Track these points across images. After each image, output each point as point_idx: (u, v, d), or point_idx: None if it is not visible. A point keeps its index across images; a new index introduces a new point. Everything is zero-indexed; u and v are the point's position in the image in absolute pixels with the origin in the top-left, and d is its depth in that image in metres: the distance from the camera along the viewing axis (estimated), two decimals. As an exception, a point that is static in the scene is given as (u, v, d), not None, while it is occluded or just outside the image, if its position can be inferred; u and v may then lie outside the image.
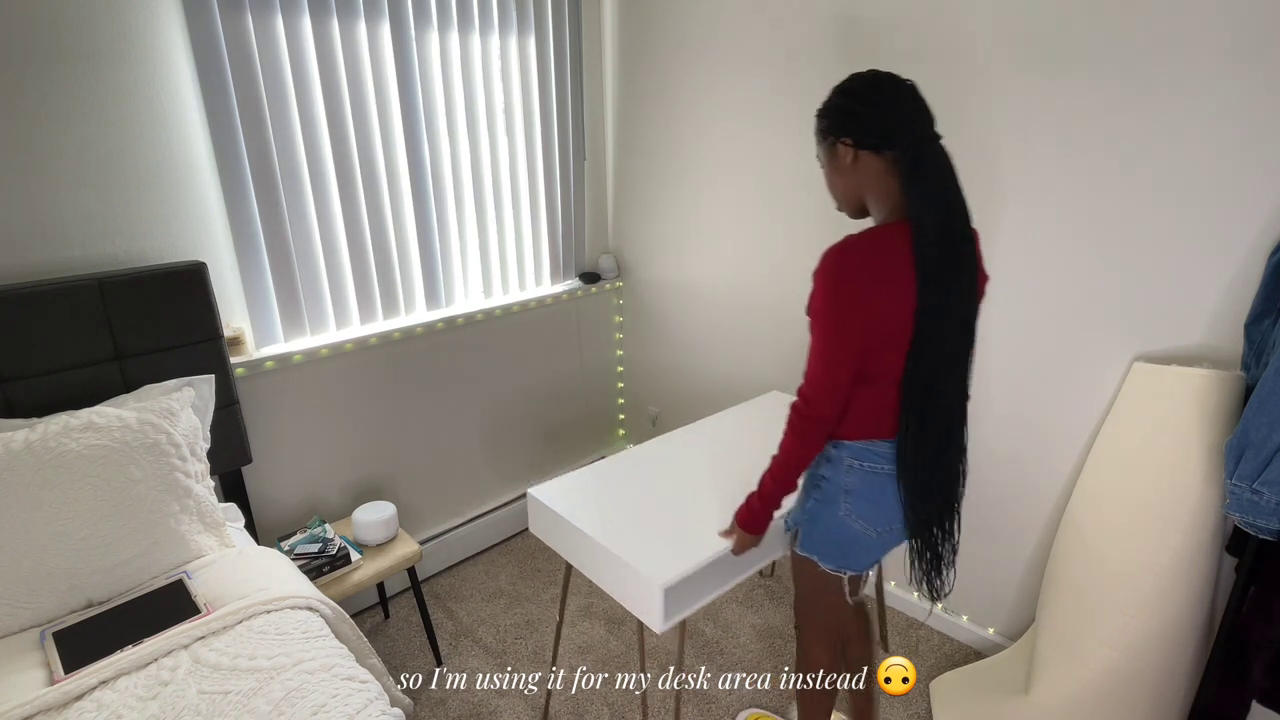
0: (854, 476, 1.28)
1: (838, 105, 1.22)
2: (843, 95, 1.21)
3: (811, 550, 1.37)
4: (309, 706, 1.16)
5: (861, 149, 1.18)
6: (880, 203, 1.21)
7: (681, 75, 2.45)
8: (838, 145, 1.21)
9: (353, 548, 1.93)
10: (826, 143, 1.24)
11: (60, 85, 1.55)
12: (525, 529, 2.81)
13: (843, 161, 1.21)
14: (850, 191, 1.25)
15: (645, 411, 3.07)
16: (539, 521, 1.68)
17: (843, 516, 1.30)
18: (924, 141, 1.14)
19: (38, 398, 1.51)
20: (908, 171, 1.14)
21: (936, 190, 1.13)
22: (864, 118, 1.17)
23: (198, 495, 1.57)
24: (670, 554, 1.41)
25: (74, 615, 1.38)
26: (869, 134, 1.17)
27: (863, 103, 1.18)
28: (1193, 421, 1.50)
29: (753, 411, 2.13)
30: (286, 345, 2.02)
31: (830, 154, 1.24)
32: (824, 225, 2.19)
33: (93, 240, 1.65)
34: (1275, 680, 1.42)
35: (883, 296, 1.14)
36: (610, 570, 1.47)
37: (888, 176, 1.17)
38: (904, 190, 1.15)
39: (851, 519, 1.30)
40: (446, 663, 2.12)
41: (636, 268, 2.89)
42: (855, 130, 1.18)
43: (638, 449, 1.89)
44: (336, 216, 2.04)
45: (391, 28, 2.04)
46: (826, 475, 1.31)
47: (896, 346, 1.17)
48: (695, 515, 1.55)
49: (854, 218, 1.29)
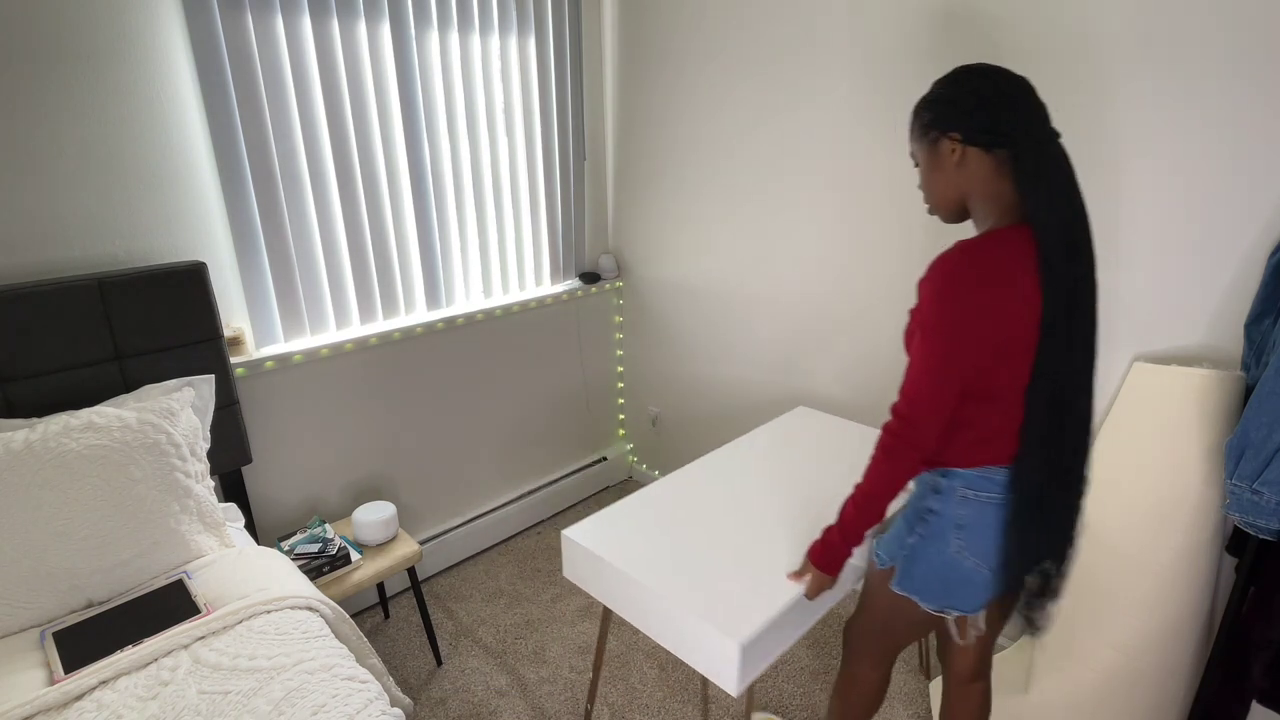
0: (968, 509, 1.16)
1: (946, 98, 1.12)
2: (953, 87, 1.12)
3: (912, 589, 1.23)
4: (309, 706, 1.16)
5: (971, 146, 1.09)
6: (987, 205, 1.11)
7: (682, 75, 2.45)
8: (942, 141, 1.12)
9: (353, 548, 1.93)
10: (928, 138, 1.14)
11: (60, 85, 1.55)
12: (525, 529, 2.82)
13: (946, 160, 1.12)
14: (951, 192, 1.15)
15: (645, 411, 3.07)
16: (576, 566, 1.51)
17: (953, 554, 1.17)
18: (1045, 140, 1.06)
19: (38, 398, 1.51)
20: (1028, 172, 1.05)
21: (1061, 193, 1.05)
22: (976, 112, 1.08)
23: (198, 495, 1.57)
24: (739, 603, 1.27)
25: (74, 615, 1.38)
26: (981, 129, 1.08)
27: (975, 96, 1.08)
28: (1193, 421, 1.50)
29: (784, 430, 2.01)
30: (286, 345, 2.02)
31: (931, 151, 1.15)
32: (825, 225, 2.19)
33: (93, 240, 1.65)
34: (1275, 680, 1.42)
35: (1004, 306, 1.05)
36: (670, 623, 1.31)
37: (997, 177, 1.09)
38: (1020, 192, 1.07)
39: (963, 556, 1.17)
40: (446, 663, 2.12)
41: (636, 268, 2.89)
42: (965, 125, 1.09)
43: (672, 478, 1.74)
44: (336, 216, 2.04)
45: (391, 28, 2.04)
46: (935, 508, 1.19)
47: (1016, 362, 1.08)
48: (755, 554, 1.41)
49: (949, 221, 1.20)
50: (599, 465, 3.10)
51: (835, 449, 1.86)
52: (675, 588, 1.31)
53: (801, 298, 2.32)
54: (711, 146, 2.43)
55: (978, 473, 1.15)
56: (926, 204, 1.21)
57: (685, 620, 1.27)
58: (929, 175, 1.18)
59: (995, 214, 1.10)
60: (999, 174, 1.09)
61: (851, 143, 2.05)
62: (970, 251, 1.06)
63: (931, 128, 1.14)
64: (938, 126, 1.12)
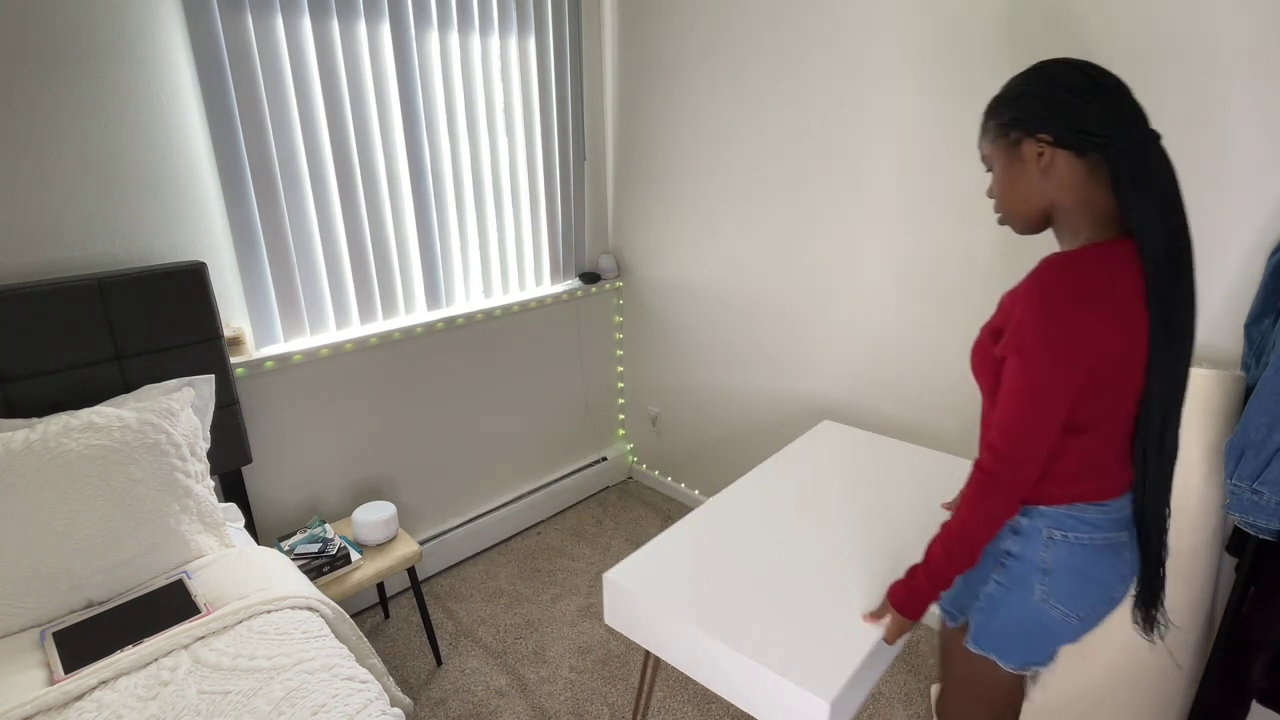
0: (1055, 551, 1.04)
1: (1032, 93, 1.00)
2: (1039, 81, 1.00)
3: (990, 647, 1.10)
4: (309, 706, 1.16)
5: (1062, 148, 0.98)
6: (1078, 216, 1.00)
7: (682, 74, 2.45)
8: (1026, 142, 1.00)
9: (353, 548, 1.93)
10: (1007, 140, 1.03)
11: (60, 85, 1.55)
12: (525, 529, 2.82)
13: (1030, 164, 1.01)
14: (1034, 201, 1.03)
15: (645, 411, 3.07)
16: (621, 611, 1.37)
17: (1037, 603, 1.05)
18: (1146, 142, 0.95)
19: (38, 398, 1.51)
20: (1130, 179, 0.95)
21: (1168, 203, 0.95)
22: (1069, 109, 0.96)
23: (198, 495, 1.57)
24: (818, 652, 1.15)
25: (74, 615, 1.38)
26: (1075, 129, 0.96)
27: (1067, 91, 0.97)
28: (1193, 421, 1.50)
29: (816, 448, 1.90)
30: (286, 345, 2.02)
31: (1010, 155, 1.03)
32: (826, 224, 2.19)
33: (93, 240, 1.65)
34: (1275, 680, 1.42)
35: (1109, 329, 0.95)
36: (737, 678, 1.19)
37: (1089, 184, 0.98)
38: (1120, 201, 0.96)
39: (1049, 605, 1.05)
40: (446, 663, 2.12)
41: (636, 268, 2.89)
42: (1056, 125, 0.97)
43: (709, 508, 1.62)
44: (336, 216, 2.04)
45: (391, 28, 2.04)
46: (1015, 551, 1.07)
47: (1120, 388, 0.99)
48: (819, 592, 1.30)
49: (1025, 233, 1.09)
50: (599, 465, 3.10)
51: (876, 469, 1.79)
52: (742, 637, 1.19)
53: (802, 298, 2.32)
54: (712, 146, 2.43)
55: (1066, 511, 1.04)
56: (999, 213, 1.10)
57: (758, 676, 1.15)
58: (1007, 182, 1.06)
59: (1089, 225, 1.00)
60: (1092, 180, 0.98)
61: (855, 141, 2.05)
62: (1072, 268, 0.96)
63: (1013, 128, 1.02)
64: (1021, 126, 1.01)
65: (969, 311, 1.90)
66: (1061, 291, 0.95)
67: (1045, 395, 0.96)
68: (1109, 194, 0.98)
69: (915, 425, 2.13)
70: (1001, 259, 1.81)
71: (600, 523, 2.88)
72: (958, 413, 2.01)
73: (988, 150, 1.08)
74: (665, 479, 3.09)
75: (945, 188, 1.89)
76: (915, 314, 2.05)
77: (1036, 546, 1.05)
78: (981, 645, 1.11)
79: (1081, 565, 1.04)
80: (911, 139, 1.92)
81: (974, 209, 1.83)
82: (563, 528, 2.84)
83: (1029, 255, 1.20)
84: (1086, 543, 1.04)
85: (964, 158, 1.81)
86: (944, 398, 2.04)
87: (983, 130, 1.08)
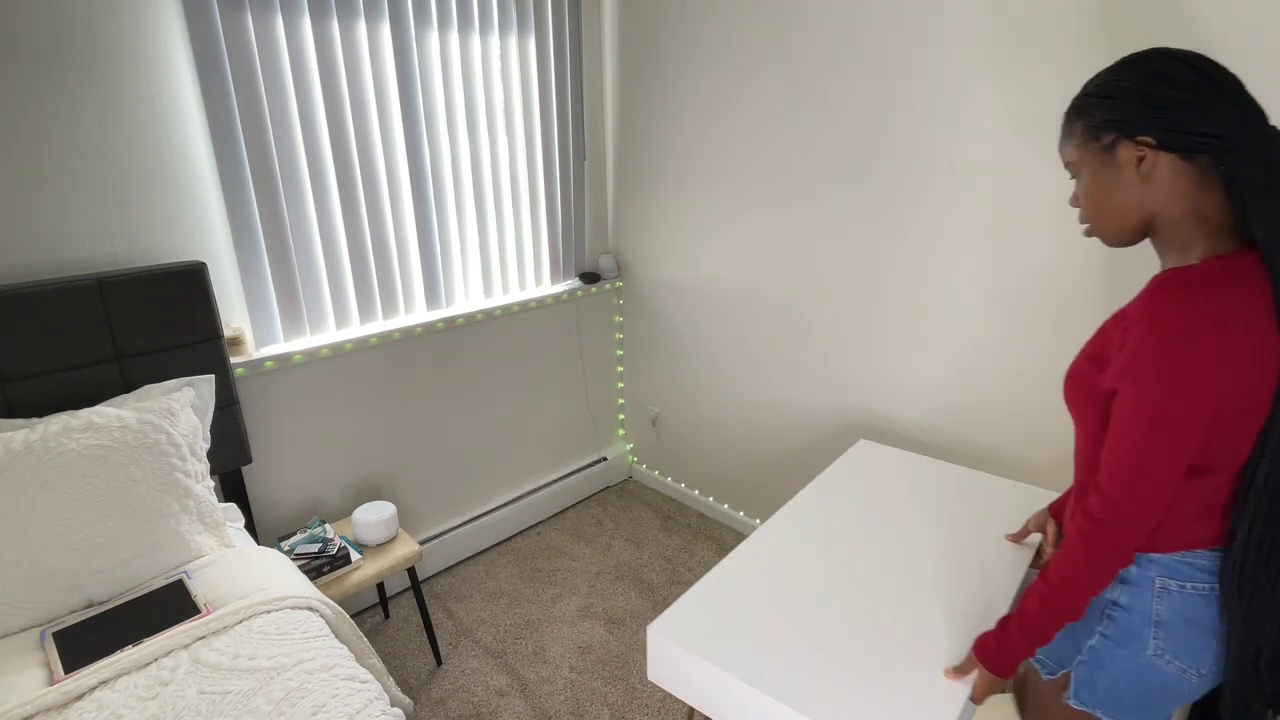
0: (1169, 602, 0.95)
1: (1129, 90, 0.89)
2: (1135, 76, 0.89)
3: (1095, 704, 1.01)
4: (309, 706, 1.16)
5: (1166, 151, 0.88)
6: (1189, 226, 0.90)
7: (681, 74, 2.45)
8: (1122, 146, 0.90)
9: (353, 548, 1.93)
10: (1099, 143, 0.93)
11: (60, 85, 1.55)
12: (525, 529, 2.82)
13: (1127, 170, 0.91)
14: (1133, 210, 0.93)
15: (645, 411, 3.07)
16: (667, 668, 1.23)
17: (1150, 658, 0.96)
18: (1268, 142, 0.85)
19: (38, 398, 1.51)
20: (1250, 183, 0.84)
21: None
22: (1176, 108, 0.86)
23: (198, 495, 1.57)
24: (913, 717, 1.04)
25: (74, 615, 1.38)
26: (1183, 129, 0.86)
27: (1173, 87, 0.86)
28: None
29: (856, 473, 1.75)
30: (286, 345, 2.02)
31: (1103, 160, 0.93)
32: (829, 225, 2.19)
33: (93, 240, 1.65)
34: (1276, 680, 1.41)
35: (1241, 357, 0.84)
36: None
37: (1199, 190, 0.88)
38: (1239, 208, 0.86)
39: (1164, 660, 0.95)
40: (446, 663, 2.12)
41: (636, 268, 2.89)
42: (1160, 125, 0.87)
43: (752, 545, 1.46)
44: (336, 216, 2.04)
45: (391, 28, 2.04)
46: (1123, 602, 0.98)
47: (1251, 424, 0.88)
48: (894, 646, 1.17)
49: (1119, 245, 0.98)
50: (599, 465, 3.10)
51: (921, 491, 1.67)
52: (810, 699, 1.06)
53: (803, 299, 2.32)
54: (711, 145, 2.43)
55: (1180, 558, 0.94)
56: (1086, 223, 1.00)
57: None
58: (1100, 189, 0.95)
59: (1202, 237, 0.89)
60: (1201, 186, 0.88)
61: (860, 141, 2.05)
62: (1196, 286, 0.85)
63: (1107, 129, 0.91)
64: (1116, 128, 0.90)
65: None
66: (1185, 313, 0.83)
67: (1168, 433, 0.85)
68: (1223, 200, 0.88)
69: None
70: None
71: (600, 523, 2.88)
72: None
73: (1074, 155, 0.98)
74: (665, 479, 3.09)
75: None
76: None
77: (1148, 597, 0.96)
78: (1085, 702, 1.02)
79: (1197, 617, 0.94)
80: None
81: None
82: (563, 528, 2.85)
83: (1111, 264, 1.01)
84: (1207, 592, 0.94)
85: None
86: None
87: (1067, 133, 0.98)
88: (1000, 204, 1.78)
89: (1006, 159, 1.74)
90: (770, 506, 2.65)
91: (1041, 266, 1.74)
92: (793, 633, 1.21)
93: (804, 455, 2.47)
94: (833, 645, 1.18)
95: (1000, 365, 1.89)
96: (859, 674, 1.11)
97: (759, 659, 1.15)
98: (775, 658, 1.15)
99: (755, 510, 2.73)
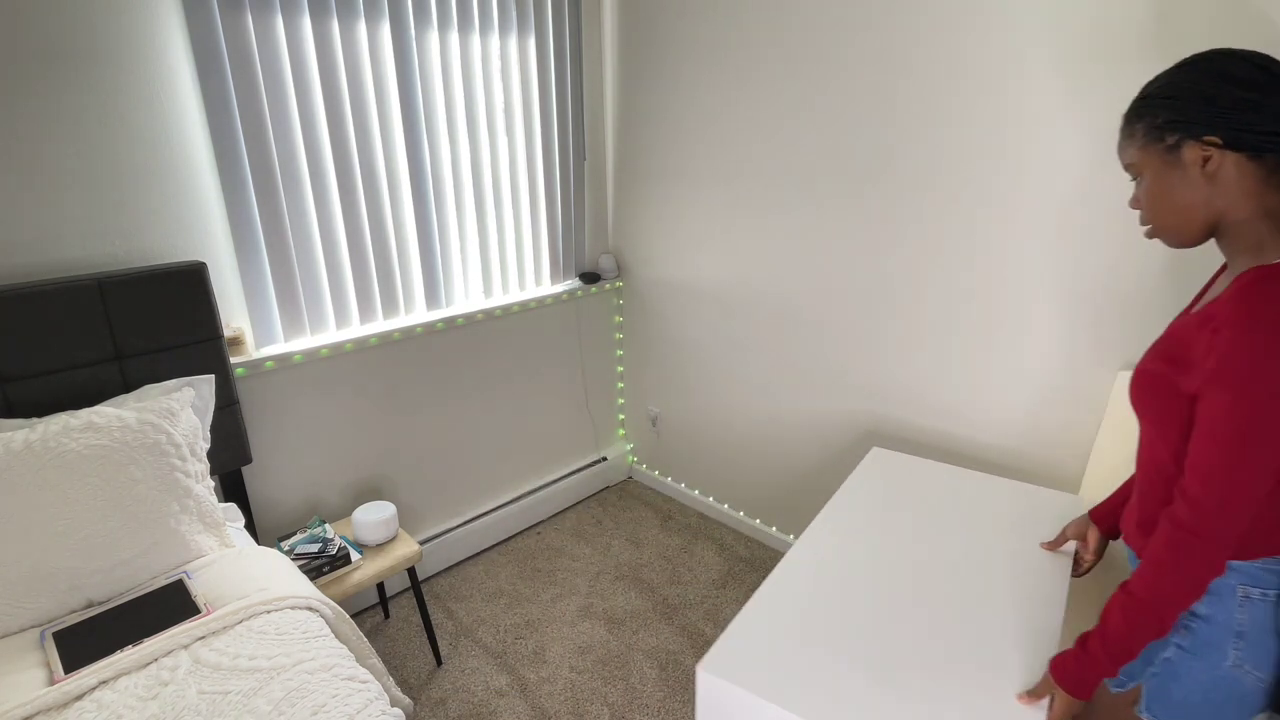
0: (1250, 611, 0.93)
1: (1196, 90, 0.89)
2: (1203, 77, 0.89)
3: (1168, 716, 1.00)
4: (309, 706, 1.16)
5: (1234, 150, 0.87)
6: (1258, 226, 0.89)
7: (681, 74, 2.45)
8: (1187, 146, 0.89)
9: (353, 548, 1.93)
10: (1162, 144, 0.92)
11: (60, 85, 1.55)
12: (525, 529, 2.82)
13: (1192, 171, 0.90)
14: (1197, 211, 0.92)
15: (645, 411, 3.07)
16: (720, 712, 1.13)
17: (1230, 669, 0.94)
18: None
19: (38, 398, 1.51)
20: None
21: None
22: (1244, 107, 0.85)
23: (198, 495, 1.57)
24: None
25: (74, 615, 1.38)
26: (1252, 129, 0.85)
27: (1240, 86, 0.86)
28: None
29: (878, 485, 1.70)
30: (286, 345, 2.02)
31: (1167, 161, 0.92)
32: (831, 225, 2.19)
33: (93, 240, 1.65)
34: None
35: None
36: None
37: (1268, 190, 0.88)
38: None
39: (1244, 671, 0.94)
40: (446, 663, 2.12)
41: (636, 268, 2.89)
42: (1227, 124, 0.86)
43: (790, 568, 1.37)
44: (336, 216, 2.04)
45: (391, 28, 2.04)
46: (1203, 613, 0.96)
47: None
48: (961, 672, 1.11)
49: (1181, 246, 0.98)
50: (599, 465, 3.10)
51: (945, 500, 1.63)
52: None
53: (804, 296, 2.32)
54: (712, 144, 2.43)
55: (1262, 565, 0.93)
56: (1148, 225, 0.99)
57: None
58: (1164, 191, 0.94)
59: (1274, 236, 0.88)
60: (1270, 185, 0.88)
61: (862, 140, 2.05)
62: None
63: (1171, 129, 0.91)
64: (1181, 128, 0.89)
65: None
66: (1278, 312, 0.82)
67: (1262, 437, 0.83)
68: None
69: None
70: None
71: (600, 523, 2.88)
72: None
73: (1135, 157, 0.97)
74: (665, 479, 3.09)
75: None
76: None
77: (1230, 607, 0.94)
78: (1157, 715, 1.01)
79: (1269, 624, 0.93)
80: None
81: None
82: (563, 528, 2.85)
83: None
84: (1273, 598, 0.93)
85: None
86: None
87: (1127, 135, 0.97)
88: (1005, 204, 1.78)
89: (1009, 158, 1.74)
90: (770, 506, 2.66)
91: (1053, 267, 1.74)
92: (852, 662, 1.13)
93: (805, 455, 2.47)
94: (897, 673, 1.11)
95: (1012, 366, 1.89)
96: (929, 703, 1.05)
97: (823, 695, 1.07)
98: (840, 692, 1.08)
99: (755, 510, 2.73)
